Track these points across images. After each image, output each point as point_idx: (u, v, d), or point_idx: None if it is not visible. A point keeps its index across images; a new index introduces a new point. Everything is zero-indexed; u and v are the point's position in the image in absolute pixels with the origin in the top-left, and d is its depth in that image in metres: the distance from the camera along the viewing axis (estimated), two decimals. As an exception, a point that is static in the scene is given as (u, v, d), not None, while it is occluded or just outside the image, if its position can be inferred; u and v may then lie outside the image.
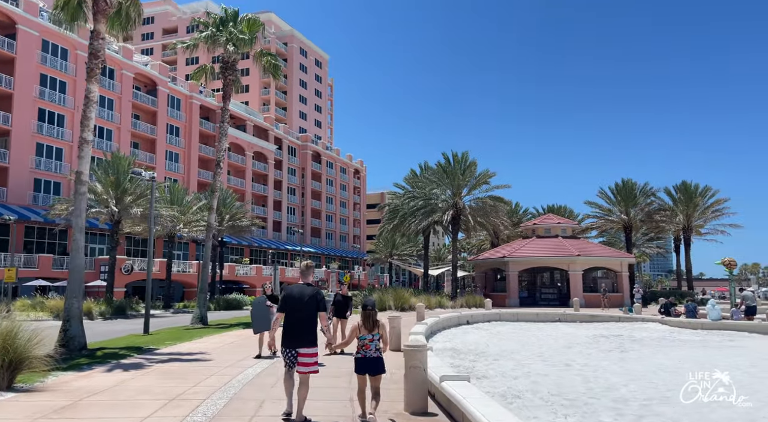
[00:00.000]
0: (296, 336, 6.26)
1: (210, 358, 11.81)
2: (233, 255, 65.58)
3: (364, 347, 6.42)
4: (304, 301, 6.33)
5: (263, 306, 12.15)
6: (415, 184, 43.44)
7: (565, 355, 14.19)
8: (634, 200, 47.00)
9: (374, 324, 6.47)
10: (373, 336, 6.41)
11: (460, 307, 34.81)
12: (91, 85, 12.91)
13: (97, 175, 35.58)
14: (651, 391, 9.60)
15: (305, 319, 6.28)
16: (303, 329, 6.25)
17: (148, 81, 58.01)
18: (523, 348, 15.59)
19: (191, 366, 10.85)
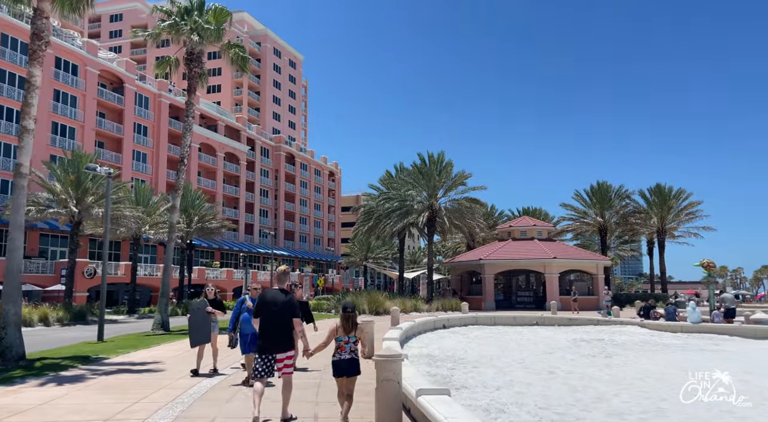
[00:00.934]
0: (273, 342, 6.36)
1: (163, 368, 10.70)
2: (203, 258, 63.76)
3: (339, 349, 6.42)
4: (277, 307, 6.42)
5: (203, 312, 10.02)
6: (391, 185, 42.61)
7: (548, 361, 13.44)
8: (609, 202, 46.97)
9: (354, 326, 6.48)
10: (349, 338, 6.44)
11: (436, 311, 34.04)
12: (34, 68, 11.70)
13: (56, 174, 33.79)
14: (644, 402, 8.87)
15: (280, 325, 6.37)
16: (279, 334, 6.37)
17: (115, 78, 56.01)
18: (503, 354, 14.80)
19: (140, 378, 9.74)
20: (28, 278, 41.50)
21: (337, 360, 6.40)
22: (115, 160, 53.93)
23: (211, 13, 20.89)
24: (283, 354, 6.39)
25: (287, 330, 6.42)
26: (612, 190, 47.35)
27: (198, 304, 10.38)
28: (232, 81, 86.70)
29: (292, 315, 6.43)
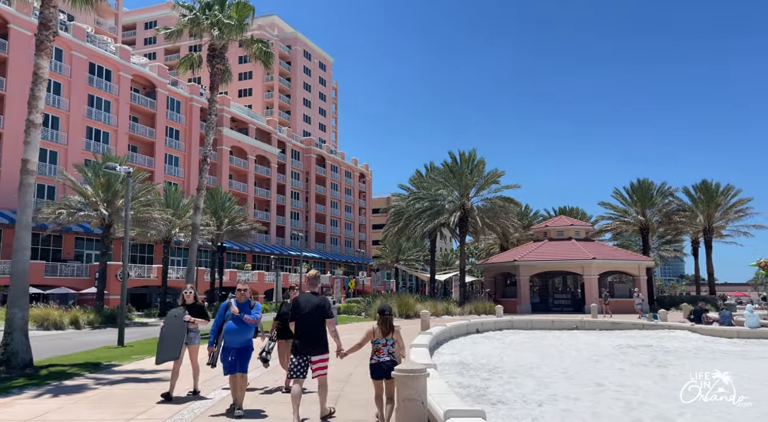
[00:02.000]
0: (308, 344, 6.51)
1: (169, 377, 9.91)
2: (235, 260, 63.88)
3: (377, 352, 6.47)
4: (311, 310, 6.59)
5: (180, 322, 8.16)
6: (421, 184, 41.53)
7: (594, 371, 12.20)
8: (651, 200, 44.77)
9: (390, 328, 6.54)
10: (386, 340, 6.49)
11: (468, 314, 32.81)
12: (41, 60, 11.16)
13: (87, 177, 33.92)
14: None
15: (314, 327, 6.54)
16: (313, 337, 6.52)
17: (147, 83, 56.59)
18: (543, 362, 13.60)
19: (145, 387, 8.99)
20: (64, 281, 42.00)
21: (376, 363, 6.43)
22: (147, 164, 54.40)
23: (233, 8, 20.31)
24: (317, 356, 6.54)
25: (321, 333, 6.60)
26: (654, 188, 45.13)
27: (174, 312, 8.47)
28: (263, 84, 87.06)
29: (324, 316, 6.62)
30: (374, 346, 6.54)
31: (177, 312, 8.48)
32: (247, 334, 7.24)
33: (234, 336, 7.14)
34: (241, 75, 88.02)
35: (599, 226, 49.27)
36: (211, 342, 7.54)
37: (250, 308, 7.34)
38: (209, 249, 46.62)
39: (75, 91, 47.51)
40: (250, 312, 7.28)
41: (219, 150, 64.92)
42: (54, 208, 32.24)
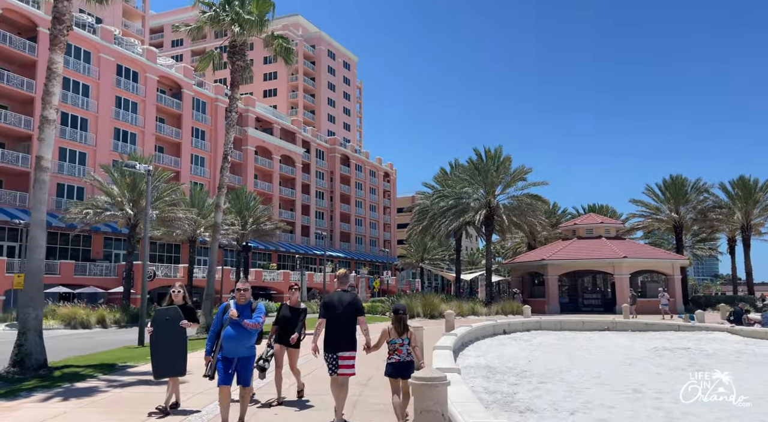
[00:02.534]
0: (338, 341, 6.59)
1: (187, 379, 9.60)
2: (261, 260, 64.11)
3: (395, 351, 6.55)
4: (343, 307, 6.66)
5: (177, 327, 7.05)
6: (445, 182, 40.87)
7: (629, 376, 11.49)
8: (685, 197, 43.24)
9: (405, 328, 6.59)
10: (403, 340, 6.54)
11: (495, 314, 32.08)
12: (55, 55, 10.99)
13: (114, 177, 34.25)
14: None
15: (345, 325, 6.60)
16: (343, 334, 6.59)
17: (173, 84, 57.12)
18: (574, 365, 12.92)
19: (157, 391, 8.67)
20: (92, 281, 42.59)
21: (394, 362, 6.51)
22: (173, 164, 54.89)
23: (253, 4, 20.06)
24: (345, 352, 6.59)
25: (352, 331, 6.66)
26: (688, 184, 43.57)
27: (166, 313, 7.16)
28: (288, 84, 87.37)
29: (356, 314, 6.70)
30: (391, 346, 6.58)
31: (168, 313, 7.17)
32: (247, 341, 6.32)
33: (233, 343, 6.21)
34: (266, 75, 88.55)
35: (630, 224, 47.87)
36: (208, 350, 6.44)
37: (252, 311, 6.42)
38: (234, 248, 46.79)
39: (103, 92, 48.16)
40: (251, 316, 6.36)
41: (244, 150, 65.27)
42: (81, 208, 32.62)
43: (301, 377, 8.46)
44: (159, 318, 7.24)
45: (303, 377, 10.14)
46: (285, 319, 8.12)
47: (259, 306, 6.58)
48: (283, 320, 8.15)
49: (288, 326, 8.00)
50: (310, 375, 10.42)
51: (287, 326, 8.03)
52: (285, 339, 7.98)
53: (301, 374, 8.58)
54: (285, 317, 8.15)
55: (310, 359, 12.16)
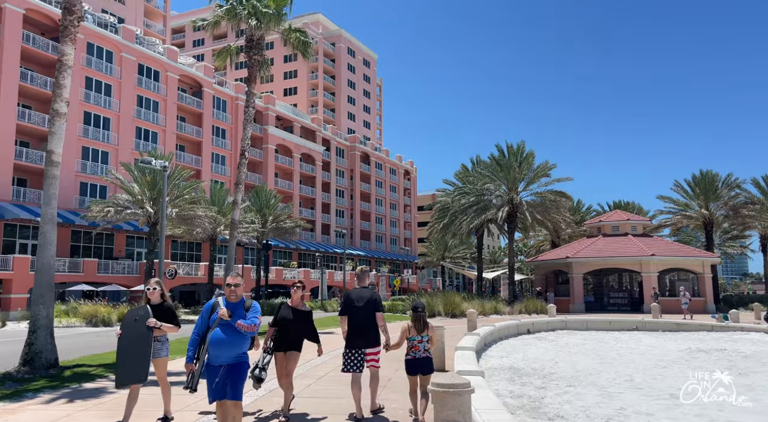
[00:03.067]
0: (361, 337, 6.69)
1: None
2: (281, 258, 64.15)
3: (413, 348, 6.59)
4: (363, 304, 6.73)
5: (142, 328, 6.23)
6: (467, 179, 40.18)
7: (663, 379, 10.82)
8: (715, 193, 41.85)
9: (424, 325, 6.64)
10: (422, 337, 6.59)
11: (518, 314, 31.36)
12: (66, 46, 10.70)
13: (134, 175, 34.33)
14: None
15: (366, 321, 6.67)
16: (366, 330, 6.67)
17: (194, 83, 57.37)
18: (604, 367, 12.27)
19: (167, 392, 8.30)
20: (115, 278, 42.94)
21: (411, 359, 6.56)
22: (194, 163, 55.14)
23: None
24: (370, 348, 6.68)
25: (374, 326, 6.69)
26: (719, 179, 42.15)
27: (136, 312, 6.43)
28: (308, 82, 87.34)
29: (376, 310, 6.73)
30: (409, 343, 6.63)
31: (138, 313, 6.32)
32: (240, 346, 5.19)
33: (222, 348, 5.09)
34: (286, 74, 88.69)
35: (657, 221, 46.57)
36: (189, 356, 5.42)
37: (245, 310, 5.26)
38: (254, 246, 46.75)
39: (125, 92, 48.51)
40: (245, 317, 5.20)
41: (264, 148, 65.34)
42: (102, 206, 32.75)
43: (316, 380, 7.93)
44: (128, 318, 6.44)
45: (319, 379, 9.71)
46: (285, 321, 6.96)
47: (254, 305, 5.36)
48: (282, 322, 6.97)
49: (288, 329, 6.90)
50: (326, 377, 9.98)
51: (287, 329, 6.92)
52: (284, 343, 6.91)
53: (318, 377, 8.09)
54: (285, 319, 6.98)
55: (323, 360, 11.72)
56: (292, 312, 7.01)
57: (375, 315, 6.71)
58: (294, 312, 7.03)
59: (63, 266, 39.99)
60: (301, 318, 7.03)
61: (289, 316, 6.98)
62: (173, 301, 41.83)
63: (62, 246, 42.32)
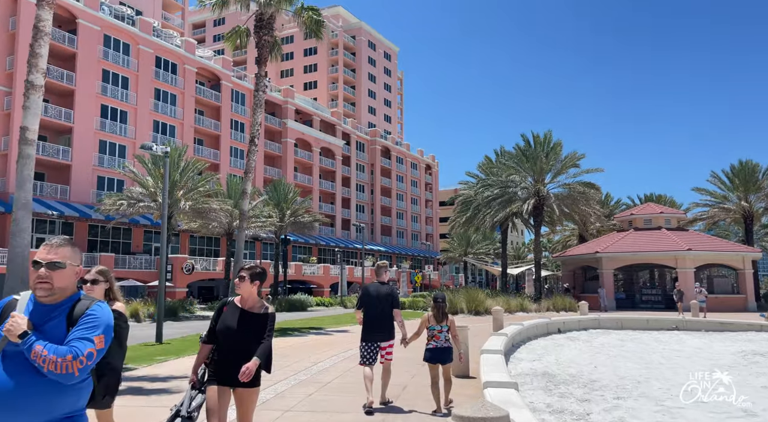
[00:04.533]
0: (376, 331, 6.80)
1: (183, 388, 8.03)
2: (301, 254, 63.27)
3: (434, 337, 6.74)
4: (380, 299, 6.84)
5: None
6: (490, 171, 38.53)
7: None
8: (756, 184, 39.47)
9: (444, 316, 6.77)
10: (441, 327, 6.74)
11: (545, 311, 29.75)
12: (42, 11, 9.57)
13: (148, 168, 33.54)
14: None
15: (382, 316, 6.78)
16: (381, 324, 6.80)
17: (212, 76, 56.68)
18: (651, 374, 10.75)
19: (144, 403, 7.17)
20: (132, 274, 42.43)
21: (432, 348, 6.70)
22: (213, 157, 54.47)
23: (280, -27, 18.46)
24: (385, 342, 6.78)
25: (389, 320, 6.78)
26: (759, 170, 39.75)
27: None
28: (328, 76, 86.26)
29: (392, 305, 6.80)
30: (430, 333, 6.79)
31: None
32: (45, 402, 2.25)
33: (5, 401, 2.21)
34: (306, 67, 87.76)
35: (692, 215, 44.29)
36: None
37: (71, 319, 2.37)
38: (273, 241, 45.79)
39: (142, 85, 47.96)
40: (62, 336, 2.33)
41: (283, 143, 64.47)
42: (115, 199, 32.03)
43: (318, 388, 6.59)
44: None
45: (323, 387, 8.39)
46: (228, 334, 4.11)
47: (94, 309, 2.42)
48: (224, 335, 4.13)
49: (234, 346, 4.10)
50: (331, 385, 8.68)
51: (232, 347, 4.10)
52: (227, 371, 4.04)
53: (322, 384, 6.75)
54: (228, 329, 4.12)
55: (333, 362, 10.43)
56: (240, 317, 4.13)
57: (392, 310, 6.79)
58: (243, 317, 4.13)
59: (79, 261, 39.59)
60: (251, 328, 4.11)
61: (232, 325, 4.10)
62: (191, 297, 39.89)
63: (79, 240, 41.92)
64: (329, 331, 17.53)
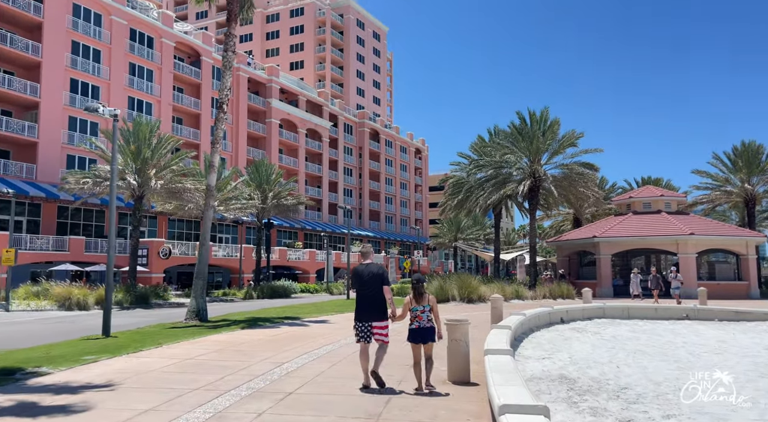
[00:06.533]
0: (368, 311, 6.94)
1: (91, 406, 6.01)
2: (287, 238, 61.14)
3: (417, 318, 6.92)
4: (370, 278, 6.98)
5: None
6: (484, 151, 36.52)
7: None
8: (759, 166, 37.87)
9: (422, 296, 6.96)
10: (423, 307, 6.93)
11: (542, 298, 28.05)
12: None
13: (118, 144, 31.03)
14: None
15: (373, 295, 6.93)
16: (373, 304, 6.94)
17: (191, 51, 53.94)
18: (688, 376, 8.87)
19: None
20: (104, 258, 40.06)
21: (415, 328, 6.90)
22: (193, 137, 52.00)
23: None
24: (377, 322, 6.93)
25: (382, 300, 6.93)
26: (763, 151, 38.13)
27: None
28: (315, 56, 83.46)
29: (382, 283, 6.95)
30: (412, 314, 6.95)
31: None
32: None
33: None
34: (292, 47, 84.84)
35: (692, 198, 42.67)
36: None
37: None
38: (256, 225, 43.63)
39: (115, 58, 45.20)
40: None
41: (268, 123, 61.99)
42: (79, 177, 29.64)
43: (275, 403, 4.63)
44: None
45: (279, 403, 6.34)
46: None
47: None
48: None
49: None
50: (292, 398, 6.66)
51: None
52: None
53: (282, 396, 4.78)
54: None
55: (304, 361, 8.39)
56: None
57: (382, 288, 6.91)
58: None
59: (47, 244, 37.21)
60: None
61: None
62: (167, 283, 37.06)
63: (47, 223, 39.48)
64: (306, 322, 15.53)
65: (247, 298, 35.22)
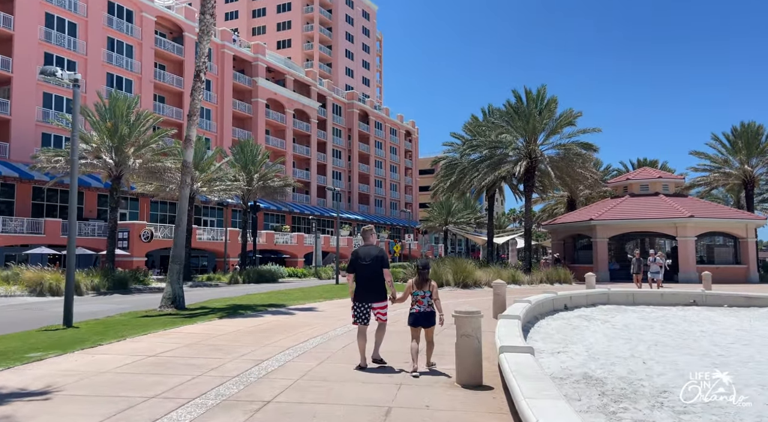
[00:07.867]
0: (368, 291, 7.03)
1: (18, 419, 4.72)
2: (274, 222, 59.68)
3: (417, 302, 6.99)
4: (370, 260, 7.02)
5: None
6: (478, 131, 35.19)
7: None
8: (759, 148, 36.98)
9: (425, 281, 7.01)
10: (424, 292, 6.97)
11: (539, 283, 27.05)
12: None
13: (93, 121, 29.37)
14: None
15: (373, 276, 7.01)
16: (373, 285, 7.03)
17: (174, 27, 51.79)
18: (719, 369, 7.76)
19: None
20: (83, 241, 38.45)
21: (415, 312, 6.94)
22: (176, 116, 50.10)
23: None
24: (377, 303, 7.06)
25: (381, 282, 7.03)
26: (763, 132, 37.22)
27: None
28: (303, 34, 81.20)
29: (382, 266, 7.03)
30: (413, 298, 7.01)
31: None
32: None
33: None
34: (279, 25, 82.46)
35: (690, 180, 41.79)
36: None
37: None
38: (242, 208, 42.15)
39: (92, 32, 43.09)
40: None
41: (254, 103, 60.11)
42: (50, 155, 27.94)
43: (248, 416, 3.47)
44: None
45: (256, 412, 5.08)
46: None
47: None
48: None
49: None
50: (269, 408, 5.39)
51: None
52: None
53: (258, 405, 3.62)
54: None
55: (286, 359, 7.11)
56: None
57: (382, 271, 7.01)
58: None
59: (21, 226, 35.53)
60: None
61: None
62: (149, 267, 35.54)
63: (21, 205, 37.74)
64: (291, 310, 14.28)
65: (232, 283, 33.88)
